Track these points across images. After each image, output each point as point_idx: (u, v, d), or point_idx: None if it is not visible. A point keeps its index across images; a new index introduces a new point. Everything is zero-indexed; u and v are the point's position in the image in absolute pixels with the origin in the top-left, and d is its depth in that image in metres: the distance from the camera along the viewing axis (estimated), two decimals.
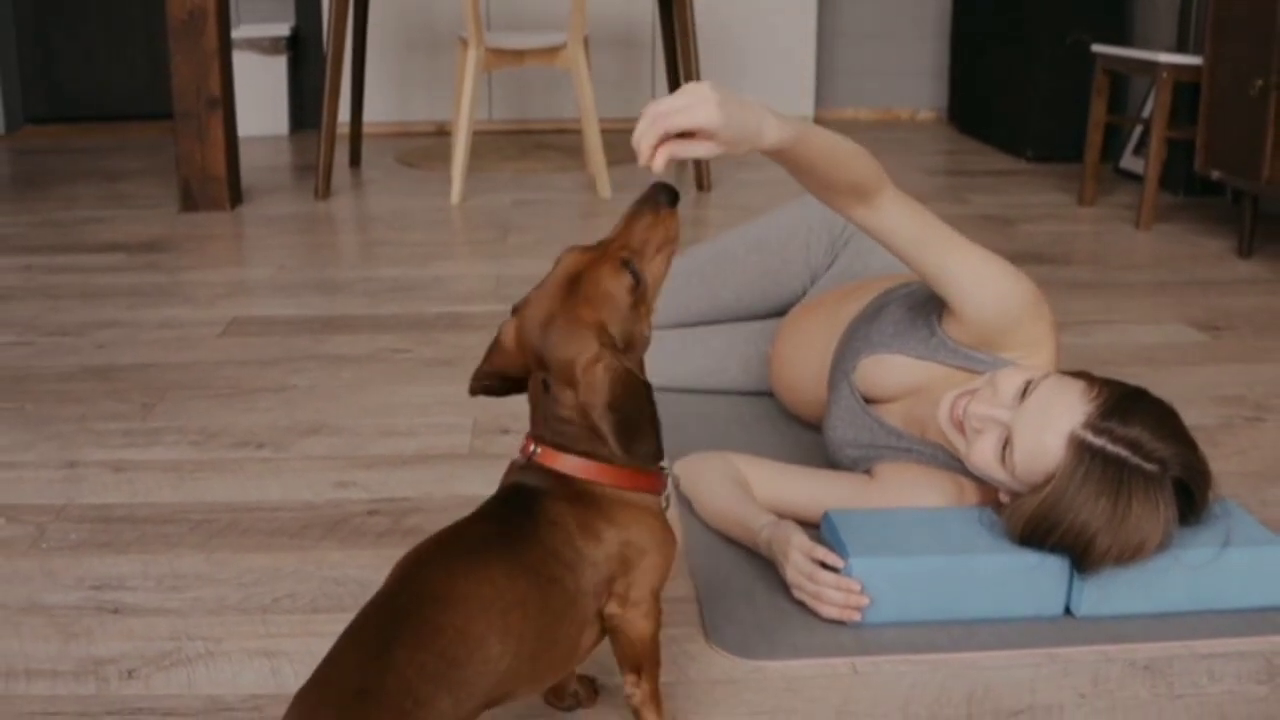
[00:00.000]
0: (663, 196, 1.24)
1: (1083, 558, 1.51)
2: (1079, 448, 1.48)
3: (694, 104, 1.34)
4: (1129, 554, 1.50)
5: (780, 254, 2.21)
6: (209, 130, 3.78)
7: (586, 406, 1.17)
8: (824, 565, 1.54)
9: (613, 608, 1.23)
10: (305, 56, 5.55)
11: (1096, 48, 3.96)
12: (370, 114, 5.30)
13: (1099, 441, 1.48)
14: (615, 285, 1.20)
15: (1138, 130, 4.49)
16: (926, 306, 1.76)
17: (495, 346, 1.27)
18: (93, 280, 3.10)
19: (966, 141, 5.32)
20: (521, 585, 1.16)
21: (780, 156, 1.48)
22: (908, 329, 1.76)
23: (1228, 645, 1.53)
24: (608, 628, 1.24)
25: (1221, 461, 2.04)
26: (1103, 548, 1.49)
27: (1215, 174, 3.37)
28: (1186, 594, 1.57)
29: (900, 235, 1.63)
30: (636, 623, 1.24)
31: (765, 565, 1.67)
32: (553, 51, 4.05)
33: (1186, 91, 3.93)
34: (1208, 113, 3.41)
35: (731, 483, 1.76)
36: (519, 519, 1.21)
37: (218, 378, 2.42)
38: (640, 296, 1.21)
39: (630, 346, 1.21)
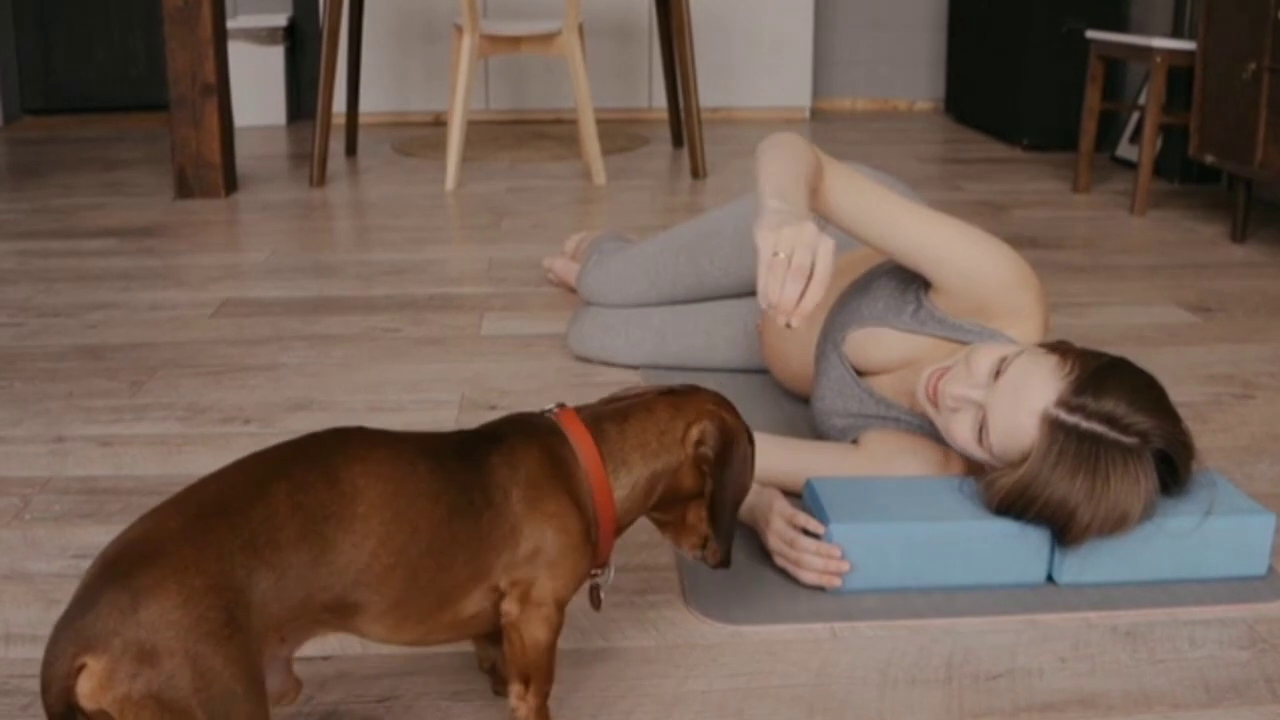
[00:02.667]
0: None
1: (1064, 531, 1.50)
2: (1052, 426, 1.47)
3: (814, 244, 1.42)
4: (1111, 526, 1.49)
5: None
6: (204, 117, 3.78)
7: (705, 437, 1.27)
8: (805, 532, 1.54)
9: (510, 605, 1.16)
10: (302, 47, 5.56)
11: (1091, 34, 3.95)
12: (367, 104, 5.31)
13: (1072, 419, 1.46)
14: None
15: (1134, 118, 4.49)
16: (915, 279, 1.76)
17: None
18: (86, 264, 3.10)
19: (963, 131, 5.31)
20: (438, 486, 1.12)
21: (816, 206, 1.64)
22: (897, 302, 1.76)
23: (1210, 612, 1.53)
24: (502, 625, 1.17)
25: (1209, 437, 2.04)
26: (1084, 522, 1.48)
27: (1209, 158, 3.37)
28: (1169, 562, 1.57)
29: (847, 210, 1.68)
30: (532, 625, 1.17)
31: (747, 532, 1.67)
32: (548, 39, 4.05)
33: (1182, 78, 3.93)
34: (1201, 97, 3.41)
35: None
36: (478, 443, 1.19)
37: (208, 356, 2.42)
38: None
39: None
